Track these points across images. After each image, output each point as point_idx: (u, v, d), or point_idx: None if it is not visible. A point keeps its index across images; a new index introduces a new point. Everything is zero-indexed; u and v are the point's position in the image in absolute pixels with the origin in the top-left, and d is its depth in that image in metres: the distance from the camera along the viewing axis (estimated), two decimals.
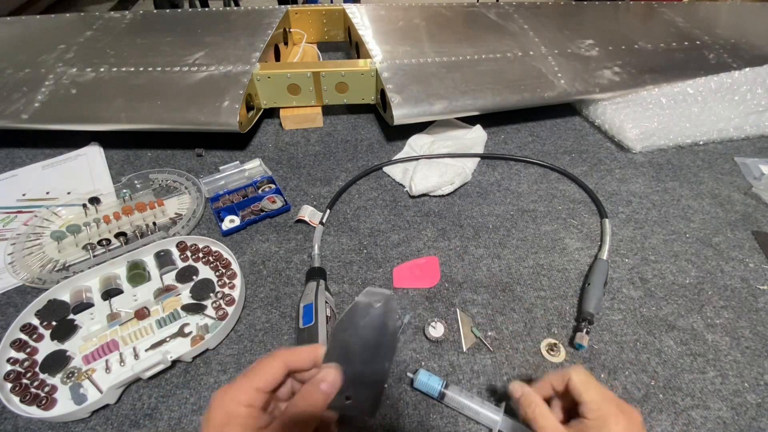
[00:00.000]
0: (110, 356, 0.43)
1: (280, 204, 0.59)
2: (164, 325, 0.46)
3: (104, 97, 0.67)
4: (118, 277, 0.50)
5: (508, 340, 0.46)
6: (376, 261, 0.54)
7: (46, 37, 0.81)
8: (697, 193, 0.64)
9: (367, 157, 0.69)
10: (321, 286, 0.46)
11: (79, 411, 0.39)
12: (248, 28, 0.81)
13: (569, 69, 0.76)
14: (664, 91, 0.75)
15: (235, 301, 0.48)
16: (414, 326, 0.48)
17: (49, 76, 0.71)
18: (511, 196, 0.63)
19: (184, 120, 0.65)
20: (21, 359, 0.43)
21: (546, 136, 0.74)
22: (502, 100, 0.70)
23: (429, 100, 0.67)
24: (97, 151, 0.70)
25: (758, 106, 0.73)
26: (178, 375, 0.44)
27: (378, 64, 0.71)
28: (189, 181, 0.64)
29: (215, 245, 0.53)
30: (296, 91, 0.72)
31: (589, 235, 0.57)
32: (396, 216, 0.60)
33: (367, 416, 0.39)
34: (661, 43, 0.85)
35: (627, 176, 0.66)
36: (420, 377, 0.41)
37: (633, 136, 0.70)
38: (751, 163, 0.68)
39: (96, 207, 0.58)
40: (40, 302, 0.47)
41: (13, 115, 0.65)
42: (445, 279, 0.52)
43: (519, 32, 0.84)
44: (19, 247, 0.54)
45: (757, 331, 0.47)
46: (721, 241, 0.57)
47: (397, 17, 0.87)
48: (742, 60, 0.82)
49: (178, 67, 0.72)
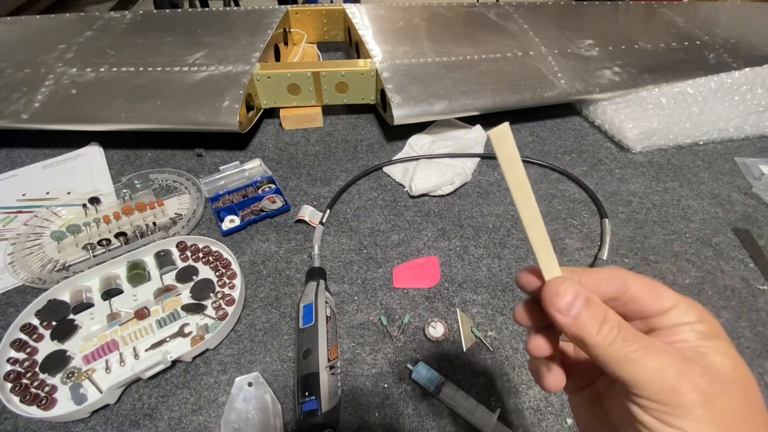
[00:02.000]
0: (110, 356, 0.43)
1: (280, 204, 0.59)
2: (164, 325, 0.46)
3: (104, 97, 0.67)
4: (118, 277, 0.50)
5: (508, 340, 0.46)
6: (376, 261, 0.54)
7: (46, 37, 0.81)
8: (697, 193, 0.64)
9: (367, 157, 0.69)
10: (321, 286, 0.46)
11: (79, 411, 0.39)
12: (248, 28, 0.81)
13: (569, 69, 0.76)
14: (664, 91, 0.75)
15: (235, 301, 0.48)
16: (414, 326, 0.48)
17: (49, 76, 0.71)
18: (511, 196, 0.63)
19: (184, 120, 0.65)
20: (21, 359, 0.43)
21: (546, 136, 0.74)
22: (502, 100, 0.70)
23: (429, 100, 0.67)
24: (97, 151, 0.70)
25: (758, 106, 0.73)
26: (178, 375, 0.44)
27: (378, 64, 0.71)
28: (189, 181, 0.64)
29: (215, 245, 0.53)
30: (296, 91, 0.72)
31: (589, 235, 0.57)
32: (396, 216, 0.60)
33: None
34: (661, 43, 0.85)
35: (627, 176, 0.66)
36: (419, 368, 0.42)
37: (633, 136, 0.70)
38: (751, 163, 0.68)
39: (96, 207, 0.58)
40: (40, 302, 0.47)
41: (13, 115, 0.65)
42: (445, 279, 0.52)
43: (519, 32, 0.84)
44: (19, 247, 0.54)
45: (757, 331, 0.47)
46: (721, 241, 0.57)
47: (397, 17, 0.87)
48: (742, 60, 0.82)
49: (178, 67, 0.72)
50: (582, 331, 0.19)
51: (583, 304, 0.19)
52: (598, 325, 0.19)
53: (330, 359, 0.41)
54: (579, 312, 0.19)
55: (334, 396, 0.39)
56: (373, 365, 0.44)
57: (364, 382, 0.43)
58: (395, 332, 0.47)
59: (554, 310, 0.19)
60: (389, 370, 0.44)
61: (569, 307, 0.19)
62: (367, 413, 0.41)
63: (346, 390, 0.42)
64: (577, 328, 0.19)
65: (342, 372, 0.44)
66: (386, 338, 0.47)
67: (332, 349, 0.42)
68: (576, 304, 0.19)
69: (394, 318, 0.48)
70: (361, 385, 0.43)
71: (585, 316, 0.19)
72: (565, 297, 0.19)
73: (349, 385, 0.43)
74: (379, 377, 0.43)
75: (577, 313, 0.19)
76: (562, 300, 0.19)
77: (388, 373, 0.44)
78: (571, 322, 0.19)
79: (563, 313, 0.19)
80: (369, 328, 0.47)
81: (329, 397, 0.38)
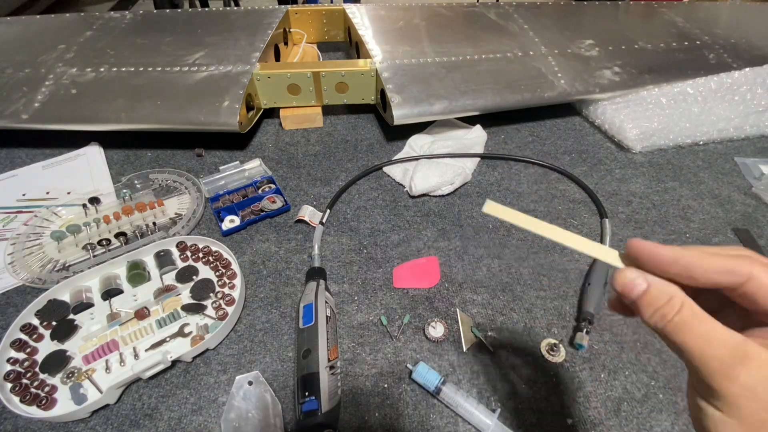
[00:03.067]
0: (110, 356, 0.43)
1: (280, 204, 0.59)
2: (164, 325, 0.46)
3: (104, 97, 0.67)
4: (118, 277, 0.50)
5: (508, 340, 0.46)
6: (376, 261, 0.54)
7: (46, 37, 0.81)
8: (697, 193, 0.64)
9: (367, 157, 0.69)
10: (321, 286, 0.46)
11: (79, 411, 0.39)
12: (248, 28, 0.81)
13: (569, 69, 0.76)
14: (664, 91, 0.75)
15: (235, 301, 0.48)
16: (414, 326, 0.48)
17: (49, 76, 0.71)
18: (511, 196, 0.63)
19: (184, 120, 0.65)
20: (21, 359, 0.43)
21: (546, 136, 0.74)
22: (502, 100, 0.70)
23: (429, 100, 0.67)
24: (97, 151, 0.70)
25: (758, 106, 0.73)
26: (178, 375, 0.44)
27: (378, 64, 0.71)
28: (189, 181, 0.64)
29: (215, 245, 0.53)
30: (296, 91, 0.72)
31: (589, 235, 0.57)
32: (396, 216, 0.60)
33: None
34: (661, 43, 0.85)
35: (627, 176, 0.66)
36: (419, 368, 0.42)
37: (633, 136, 0.70)
38: (751, 163, 0.68)
39: (96, 207, 0.58)
40: (40, 302, 0.47)
41: (13, 115, 0.65)
42: (445, 279, 0.52)
43: (519, 32, 0.84)
44: (19, 247, 0.54)
45: None
46: (721, 241, 0.57)
47: (397, 17, 0.87)
48: (742, 60, 0.82)
49: (178, 67, 0.72)
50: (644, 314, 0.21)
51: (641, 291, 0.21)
52: (652, 309, 0.20)
53: (330, 359, 0.41)
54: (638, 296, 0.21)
55: (334, 396, 0.39)
56: (373, 365, 0.44)
57: (364, 382, 0.43)
58: (395, 332, 0.47)
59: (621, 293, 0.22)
60: (389, 370, 0.44)
61: (629, 291, 0.21)
62: (367, 413, 0.41)
63: (346, 390, 0.42)
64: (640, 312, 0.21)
65: (342, 372, 0.44)
66: (386, 338, 0.47)
67: (332, 349, 0.42)
68: (636, 288, 0.21)
69: (394, 318, 0.48)
70: (361, 385, 0.43)
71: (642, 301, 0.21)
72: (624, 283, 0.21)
73: (349, 385, 0.43)
74: (379, 377, 0.43)
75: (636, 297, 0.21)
76: (622, 287, 0.21)
77: (388, 373, 0.44)
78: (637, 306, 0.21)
79: (626, 297, 0.21)
80: (369, 328, 0.47)
81: (329, 397, 0.38)
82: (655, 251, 0.21)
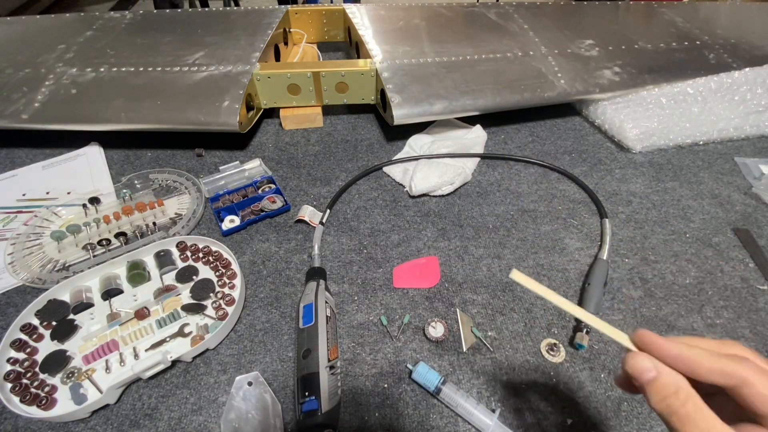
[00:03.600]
0: (110, 356, 0.43)
1: (280, 204, 0.59)
2: (164, 325, 0.46)
3: (104, 97, 0.67)
4: (118, 277, 0.50)
5: (508, 340, 0.46)
6: (376, 261, 0.54)
7: (46, 37, 0.81)
8: (697, 193, 0.64)
9: (367, 157, 0.69)
10: (321, 286, 0.46)
11: (79, 411, 0.39)
12: (248, 28, 0.81)
13: (569, 69, 0.76)
14: (664, 91, 0.75)
15: (235, 301, 0.48)
16: (414, 326, 0.48)
17: (49, 76, 0.71)
18: (511, 196, 0.63)
19: (184, 120, 0.65)
20: (21, 359, 0.43)
21: (546, 136, 0.74)
22: (502, 100, 0.70)
23: (429, 100, 0.67)
24: (97, 151, 0.70)
25: (758, 106, 0.73)
26: (178, 375, 0.44)
27: (378, 64, 0.71)
28: (189, 181, 0.64)
29: (215, 245, 0.53)
30: (296, 91, 0.72)
31: (589, 235, 0.57)
32: (396, 216, 0.60)
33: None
34: (661, 43, 0.85)
35: (627, 176, 0.66)
36: (419, 368, 0.42)
37: (633, 136, 0.70)
38: (751, 163, 0.68)
39: (96, 207, 0.58)
40: (40, 302, 0.47)
41: (13, 115, 0.65)
42: (445, 279, 0.52)
43: (519, 32, 0.84)
44: (19, 247, 0.54)
45: (757, 331, 0.47)
46: (721, 241, 0.57)
47: (397, 17, 0.87)
48: (742, 60, 0.82)
49: (178, 67, 0.72)
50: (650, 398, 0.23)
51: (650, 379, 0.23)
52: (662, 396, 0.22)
53: (330, 359, 0.41)
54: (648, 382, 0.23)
55: (334, 396, 0.39)
56: (373, 365, 0.44)
57: (364, 382, 0.43)
58: (395, 332, 0.47)
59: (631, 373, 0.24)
60: (389, 370, 0.44)
61: (639, 375, 0.23)
62: (367, 413, 0.41)
63: (346, 390, 0.42)
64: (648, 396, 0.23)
65: (342, 372, 0.44)
66: (386, 338, 0.47)
67: (332, 349, 0.42)
68: (646, 374, 0.23)
69: (394, 318, 0.48)
70: (361, 385, 0.43)
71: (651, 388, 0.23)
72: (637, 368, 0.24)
73: (349, 385, 0.43)
74: (379, 377, 0.43)
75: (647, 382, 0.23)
76: (634, 370, 0.24)
77: (388, 373, 0.44)
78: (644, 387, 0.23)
79: (637, 379, 0.23)
80: (369, 328, 0.47)
81: (329, 397, 0.38)
82: (662, 348, 0.23)
